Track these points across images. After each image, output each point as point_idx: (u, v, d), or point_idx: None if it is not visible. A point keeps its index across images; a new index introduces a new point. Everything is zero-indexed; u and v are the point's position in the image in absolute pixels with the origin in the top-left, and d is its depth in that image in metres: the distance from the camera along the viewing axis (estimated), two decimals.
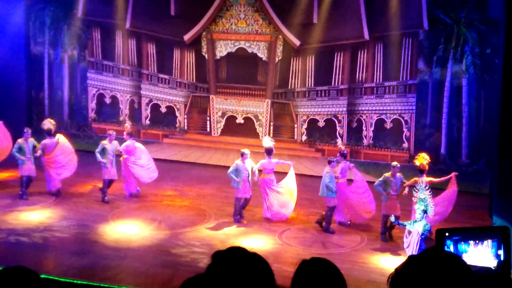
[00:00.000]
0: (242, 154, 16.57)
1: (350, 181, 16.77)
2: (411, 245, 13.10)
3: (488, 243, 4.44)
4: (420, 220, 13.00)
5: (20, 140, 18.25)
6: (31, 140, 18.39)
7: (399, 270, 2.71)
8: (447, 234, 4.38)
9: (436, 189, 14.98)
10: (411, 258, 2.74)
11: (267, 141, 17.11)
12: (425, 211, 12.96)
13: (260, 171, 16.75)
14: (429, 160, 15.62)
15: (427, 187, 13.33)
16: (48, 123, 18.76)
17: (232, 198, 17.62)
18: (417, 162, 15.51)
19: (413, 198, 13.57)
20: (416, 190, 13.23)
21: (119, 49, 24.24)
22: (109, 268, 13.39)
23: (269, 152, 16.79)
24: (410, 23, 20.52)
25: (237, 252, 2.88)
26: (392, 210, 15.26)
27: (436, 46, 20.35)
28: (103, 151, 18.09)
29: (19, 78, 24.53)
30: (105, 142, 18.31)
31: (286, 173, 17.01)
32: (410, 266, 2.69)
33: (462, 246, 4.39)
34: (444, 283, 2.57)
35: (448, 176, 15.96)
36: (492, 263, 4.46)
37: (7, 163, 19.85)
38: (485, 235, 4.51)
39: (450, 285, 2.57)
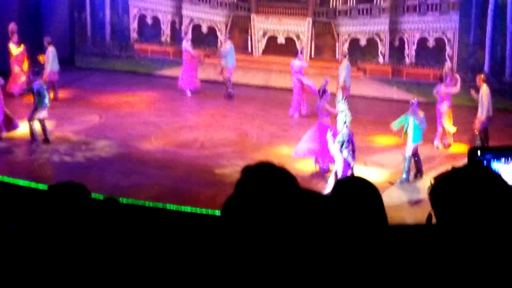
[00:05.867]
0: None
1: None
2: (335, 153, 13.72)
3: None
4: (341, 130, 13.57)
5: None
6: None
7: (440, 181, 2.76)
8: (479, 152, 4.42)
9: None
10: (454, 170, 2.78)
11: None
12: (345, 122, 13.55)
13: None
14: None
15: (344, 98, 14.01)
16: None
17: (272, 117, 17.81)
18: None
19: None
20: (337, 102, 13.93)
21: None
22: (153, 188, 13.68)
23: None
24: None
25: (266, 167, 2.94)
26: None
27: None
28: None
29: None
30: None
31: None
32: (452, 178, 2.74)
33: (494, 164, 4.44)
34: (485, 198, 2.63)
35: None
36: None
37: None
38: None
39: (491, 201, 2.63)
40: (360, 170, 14.41)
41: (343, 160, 13.53)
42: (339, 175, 13.56)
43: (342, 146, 13.47)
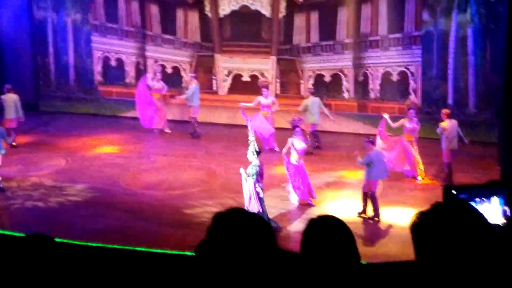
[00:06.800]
0: None
1: None
2: (247, 188, 13.28)
3: (495, 200, 4.48)
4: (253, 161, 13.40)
5: None
6: None
7: (422, 217, 2.75)
8: (454, 192, 4.41)
9: None
10: (437, 205, 2.77)
11: None
12: (253, 152, 13.48)
13: None
14: None
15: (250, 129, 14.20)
16: None
17: (239, 155, 17.75)
18: None
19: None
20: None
21: (122, 11, 24.13)
22: (122, 230, 13.53)
23: None
24: None
25: (237, 214, 2.90)
26: None
27: None
28: None
29: (23, 44, 24.49)
30: None
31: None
32: (435, 214, 2.74)
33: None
34: (466, 234, 2.64)
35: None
36: (499, 220, 4.51)
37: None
38: (492, 192, 4.53)
39: (472, 237, 2.64)
40: (330, 206, 14.48)
41: (256, 194, 13.13)
42: (251, 210, 13.22)
43: (255, 179, 13.12)
